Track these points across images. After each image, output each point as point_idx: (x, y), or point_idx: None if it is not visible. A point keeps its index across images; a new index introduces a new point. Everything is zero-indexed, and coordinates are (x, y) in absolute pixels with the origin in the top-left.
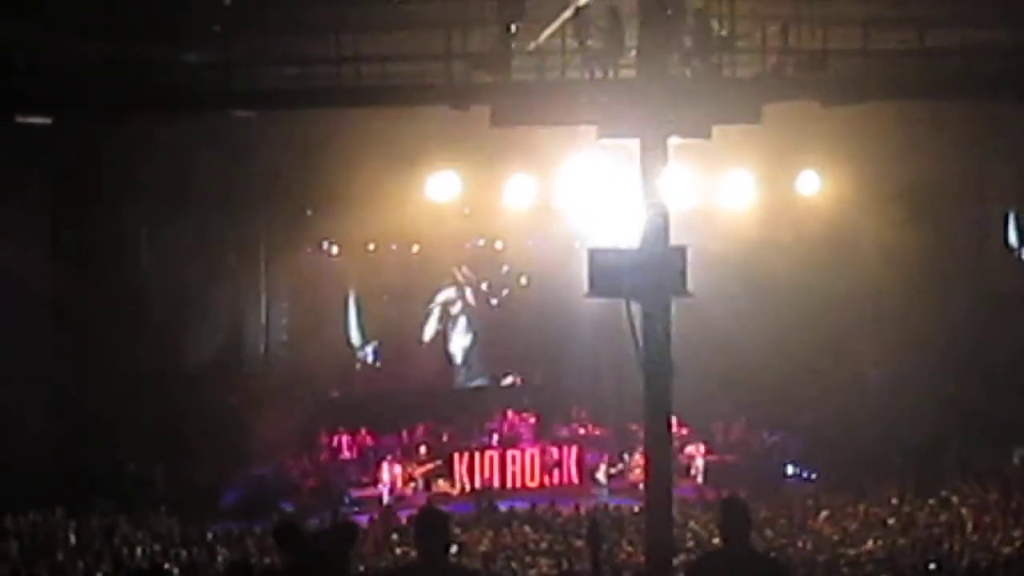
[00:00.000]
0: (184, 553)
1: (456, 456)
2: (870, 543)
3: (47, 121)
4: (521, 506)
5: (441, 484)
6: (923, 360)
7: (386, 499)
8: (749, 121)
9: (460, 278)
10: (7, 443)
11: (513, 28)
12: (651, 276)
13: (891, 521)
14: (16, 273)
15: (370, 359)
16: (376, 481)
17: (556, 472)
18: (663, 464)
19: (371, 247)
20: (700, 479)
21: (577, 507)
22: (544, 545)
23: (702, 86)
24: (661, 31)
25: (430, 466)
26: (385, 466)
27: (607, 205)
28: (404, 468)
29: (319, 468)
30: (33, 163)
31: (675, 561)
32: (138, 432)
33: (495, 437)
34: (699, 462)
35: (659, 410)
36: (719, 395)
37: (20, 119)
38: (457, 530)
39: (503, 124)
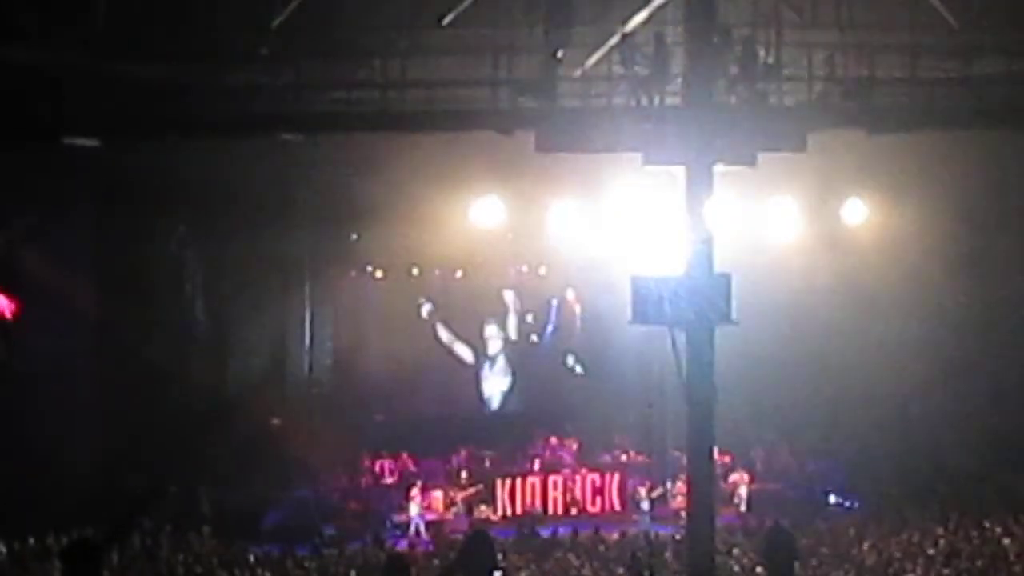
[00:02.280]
0: (225, 575)
1: (498, 481)
2: (913, 574)
3: (94, 143)
4: (563, 532)
5: (483, 509)
6: (967, 389)
7: (414, 526)
8: (795, 149)
9: (508, 303)
10: (51, 464)
11: (559, 54)
12: (695, 303)
13: (933, 551)
14: (62, 294)
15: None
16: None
17: (598, 499)
18: (706, 491)
19: (415, 271)
20: (743, 507)
21: (623, 534)
22: (586, 572)
23: (748, 113)
24: (707, 58)
25: (472, 491)
26: (415, 492)
27: (652, 232)
28: (446, 493)
29: (361, 492)
30: (80, 185)
31: None
32: (181, 453)
33: (537, 463)
34: (742, 490)
35: (702, 437)
36: (761, 423)
37: (68, 141)
38: (499, 556)
39: (548, 150)
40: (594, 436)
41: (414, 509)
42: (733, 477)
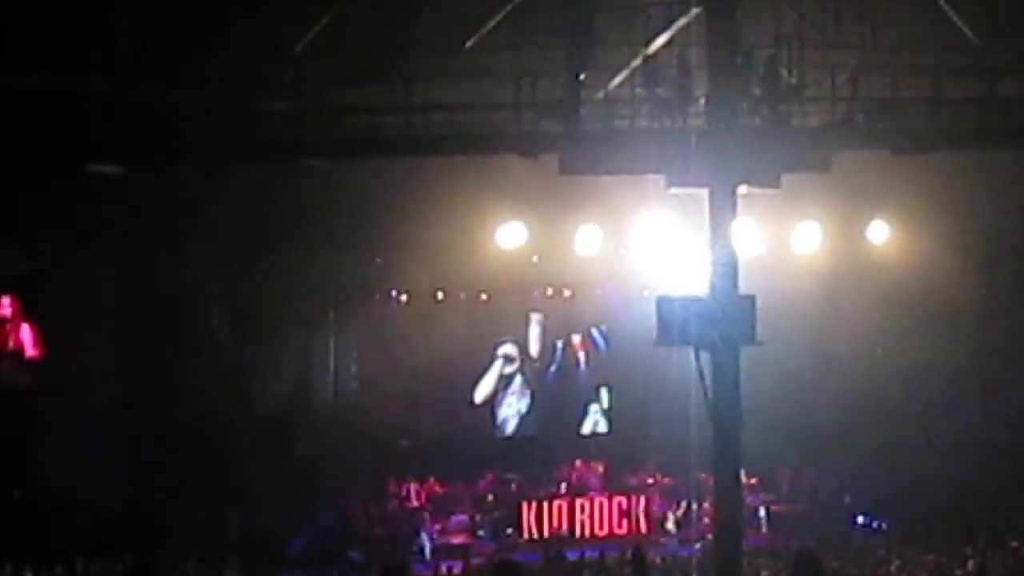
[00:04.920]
0: None
1: (524, 505)
2: None
3: (118, 170)
4: (590, 555)
5: (509, 533)
6: (993, 408)
7: (427, 554)
8: (818, 170)
9: (534, 324)
10: (78, 489)
11: (582, 77)
12: (720, 325)
13: (961, 572)
14: (87, 321)
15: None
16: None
17: (625, 521)
18: (732, 513)
19: (440, 295)
20: (768, 529)
21: (650, 557)
22: None
23: (771, 135)
24: (730, 80)
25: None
26: (425, 518)
27: (676, 253)
28: (471, 517)
29: (387, 516)
30: (104, 212)
31: None
32: (207, 479)
33: (564, 486)
34: (763, 511)
35: (728, 459)
36: (787, 444)
37: (92, 168)
38: None
39: (572, 173)
40: (620, 459)
41: (423, 536)
42: (758, 498)
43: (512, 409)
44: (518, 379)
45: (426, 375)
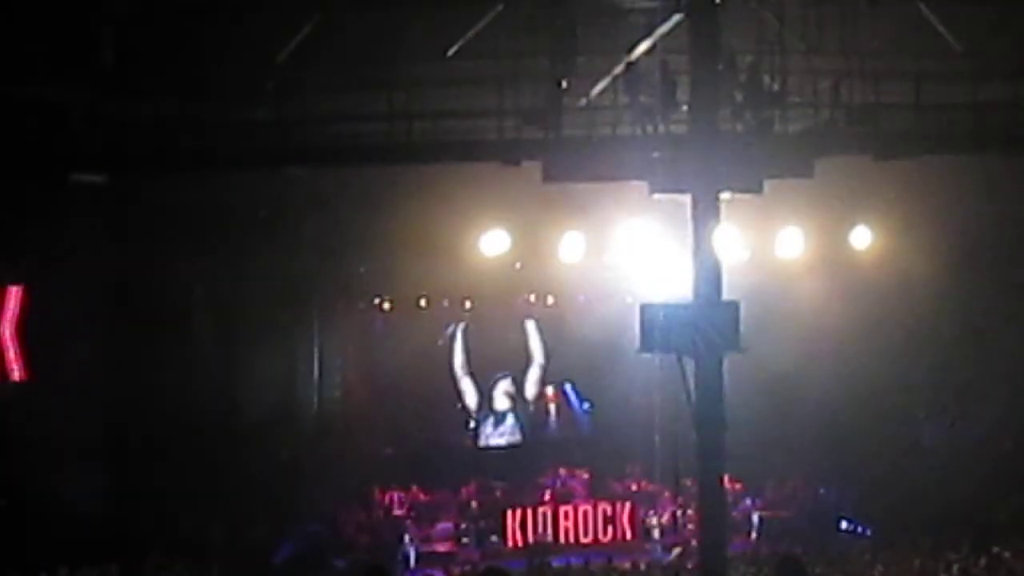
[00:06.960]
0: None
1: (509, 512)
2: None
3: (101, 179)
4: (575, 562)
5: (494, 540)
6: (977, 414)
7: (412, 562)
8: (801, 175)
9: (531, 335)
10: (62, 498)
11: (564, 84)
12: (704, 331)
13: None
14: (70, 331)
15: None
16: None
17: (609, 528)
18: (717, 519)
19: (423, 303)
20: (754, 535)
21: (635, 564)
22: None
23: (754, 141)
24: (712, 86)
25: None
26: (410, 526)
27: (659, 260)
28: (456, 524)
29: (372, 524)
30: (87, 222)
31: None
32: (191, 487)
33: (548, 493)
34: (753, 517)
35: (712, 465)
36: (772, 450)
37: (75, 178)
38: None
39: (555, 180)
40: (605, 465)
41: (407, 543)
42: (743, 504)
43: (502, 440)
44: (510, 420)
45: (409, 382)
